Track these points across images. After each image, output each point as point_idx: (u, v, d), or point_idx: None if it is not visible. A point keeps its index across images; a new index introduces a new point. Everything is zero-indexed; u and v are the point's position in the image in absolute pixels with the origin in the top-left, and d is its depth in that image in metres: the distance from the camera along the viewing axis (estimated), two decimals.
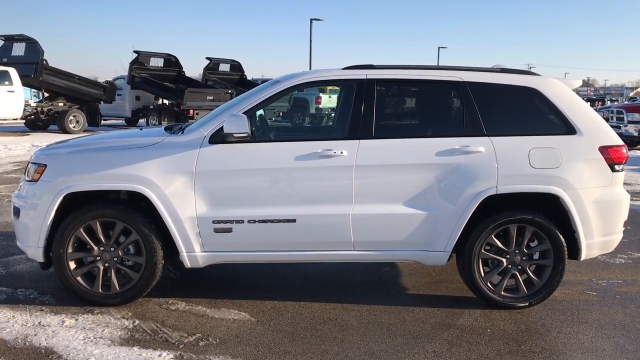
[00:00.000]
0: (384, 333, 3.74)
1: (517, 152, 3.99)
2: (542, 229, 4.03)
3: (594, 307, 4.25)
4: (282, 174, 4.01)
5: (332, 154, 3.96)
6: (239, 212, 3.97)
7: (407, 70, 4.28)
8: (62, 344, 3.48)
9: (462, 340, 3.66)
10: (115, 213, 3.97)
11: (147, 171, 3.90)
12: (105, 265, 4.04)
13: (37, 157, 4.16)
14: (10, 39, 18.51)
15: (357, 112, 4.09)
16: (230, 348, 3.49)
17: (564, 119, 4.10)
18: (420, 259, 4.13)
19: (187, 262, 4.05)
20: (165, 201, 3.90)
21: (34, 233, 3.98)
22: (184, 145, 3.99)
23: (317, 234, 4.03)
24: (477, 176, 3.95)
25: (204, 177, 3.93)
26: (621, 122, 16.48)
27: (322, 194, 4.01)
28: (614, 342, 3.66)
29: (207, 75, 22.77)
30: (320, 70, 4.35)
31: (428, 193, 3.99)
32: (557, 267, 4.07)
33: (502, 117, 4.15)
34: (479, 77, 4.19)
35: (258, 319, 3.95)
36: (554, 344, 3.63)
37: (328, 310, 4.11)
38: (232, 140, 3.95)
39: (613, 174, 4.08)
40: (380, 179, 4.00)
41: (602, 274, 5.05)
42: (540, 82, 4.21)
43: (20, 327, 3.73)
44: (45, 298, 4.25)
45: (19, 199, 4.13)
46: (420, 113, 4.57)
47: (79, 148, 4.20)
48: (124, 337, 3.61)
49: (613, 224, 4.13)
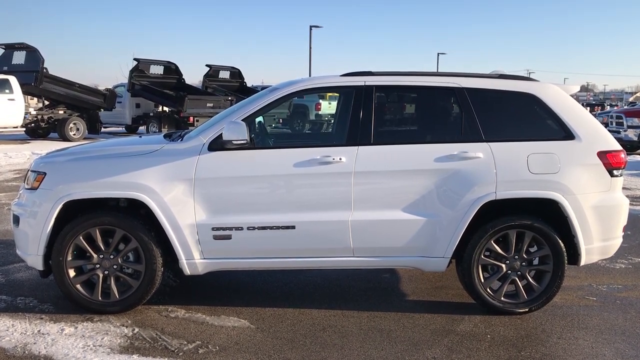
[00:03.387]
0: (384, 339, 3.74)
1: (516, 158, 4.00)
2: (541, 235, 4.03)
3: (594, 313, 4.24)
4: (281, 180, 4.02)
5: (331, 160, 3.97)
6: (238, 219, 3.97)
7: (405, 76, 4.29)
8: (62, 352, 3.48)
9: (462, 346, 3.65)
10: (114, 221, 3.97)
11: (147, 178, 3.90)
12: (104, 273, 4.04)
13: (36, 165, 4.17)
14: (11, 47, 18.55)
15: (355, 119, 4.10)
16: (230, 355, 3.48)
17: (563, 125, 4.10)
18: (420, 265, 4.12)
19: (187, 269, 4.05)
20: (164, 208, 3.91)
21: (34, 241, 3.98)
22: (184, 153, 4.00)
23: (317, 240, 4.03)
24: (476, 182, 3.96)
25: (203, 184, 3.94)
26: (621, 126, 16.51)
27: (321, 201, 4.01)
28: (614, 348, 3.65)
29: (207, 83, 22.80)
30: (319, 77, 4.36)
31: (427, 199, 4.00)
32: (556, 272, 4.07)
33: (500, 122, 4.16)
34: (477, 83, 4.21)
35: (258, 326, 3.95)
36: (554, 349, 3.62)
37: (328, 317, 4.11)
38: (231, 147, 3.96)
39: (612, 179, 4.09)
40: (379, 185, 4.01)
41: (602, 279, 5.04)
42: (539, 87, 4.22)
43: (20, 335, 3.73)
44: (44, 306, 4.25)
45: (19, 207, 4.14)
46: (418, 119, 4.59)
47: (79, 156, 4.21)
48: (123, 344, 3.60)
49: (612, 229, 4.13)
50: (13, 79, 17.00)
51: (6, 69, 17.99)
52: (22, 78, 17.28)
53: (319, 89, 4.37)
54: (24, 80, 17.31)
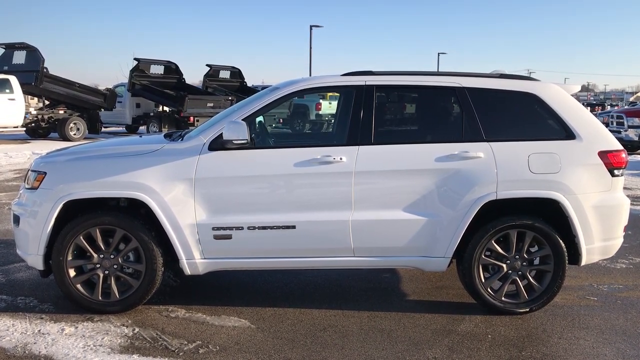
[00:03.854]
0: (385, 339, 3.73)
1: (517, 157, 3.99)
2: (542, 235, 4.03)
3: (595, 313, 4.24)
4: (282, 180, 4.01)
5: (331, 160, 3.97)
6: (238, 219, 3.97)
7: (406, 76, 4.28)
8: (62, 352, 3.47)
9: (462, 346, 3.65)
10: (114, 220, 3.97)
11: (147, 178, 3.90)
12: (105, 273, 4.03)
13: (36, 164, 4.17)
14: (11, 47, 18.55)
15: (356, 119, 4.09)
16: (230, 355, 3.48)
17: (563, 124, 4.10)
18: (420, 264, 4.12)
19: (187, 269, 4.04)
20: (164, 208, 3.90)
21: (34, 241, 3.98)
22: (184, 152, 3.99)
23: (317, 240, 4.02)
24: (477, 181, 3.95)
25: (204, 183, 3.93)
26: (621, 126, 16.50)
27: (322, 201, 4.00)
28: (615, 348, 3.65)
29: (207, 82, 22.80)
30: (320, 77, 4.36)
31: (428, 199, 3.99)
32: (557, 272, 4.06)
33: (501, 122, 4.15)
34: (478, 83, 4.20)
35: (258, 325, 3.94)
36: (555, 349, 3.62)
37: (328, 317, 4.10)
38: (231, 147, 3.95)
39: (613, 179, 4.08)
40: (380, 185, 4.00)
41: (602, 279, 5.03)
42: (539, 87, 4.21)
43: (20, 335, 3.72)
44: (45, 306, 4.24)
45: (19, 206, 4.13)
46: (419, 119, 4.58)
47: (79, 155, 4.20)
48: (123, 344, 3.60)
49: (613, 229, 4.12)
50: (13, 78, 17.01)
51: (6, 69, 18.01)
52: (22, 78, 17.29)
53: (319, 88, 4.36)
54: (24, 80, 17.32)
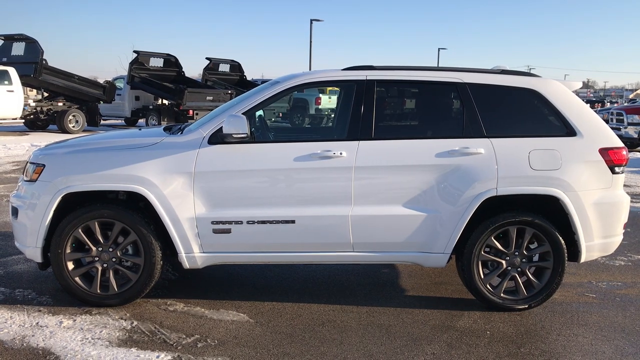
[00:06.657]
0: (383, 335, 3.73)
1: (517, 154, 3.98)
2: (541, 231, 4.02)
3: (594, 310, 4.24)
4: (281, 174, 4.00)
5: (331, 155, 3.95)
6: (238, 213, 3.96)
7: (406, 71, 4.26)
8: (60, 345, 3.47)
9: (461, 342, 3.65)
10: (113, 213, 3.95)
11: (146, 171, 3.89)
12: (103, 266, 4.02)
13: (35, 157, 4.15)
14: (10, 39, 18.48)
15: (356, 113, 4.07)
16: (228, 349, 3.48)
17: (564, 121, 4.09)
18: (420, 260, 4.11)
19: (186, 262, 4.04)
20: (164, 202, 3.89)
21: (32, 233, 3.97)
22: (183, 146, 3.98)
23: (316, 235, 4.01)
24: (477, 178, 3.94)
25: (203, 177, 3.92)
26: (621, 123, 16.50)
27: (321, 195, 3.99)
28: (613, 345, 3.65)
29: (206, 76, 22.74)
30: (320, 71, 4.33)
31: (427, 194, 3.98)
32: (556, 269, 4.06)
33: (502, 118, 4.14)
34: (479, 79, 4.18)
35: (257, 320, 3.94)
36: (553, 346, 3.62)
37: (327, 312, 4.10)
38: (231, 140, 3.94)
39: (613, 176, 4.07)
40: (380, 180, 3.99)
41: (602, 276, 5.03)
42: (540, 83, 4.20)
43: (18, 327, 3.72)
44: (43, 299, 4.24)
45: (17, 199, 4.12)
46: (420, 114, 4.57)
47: (78, 148, 4.18)
48: (121, 338, 3.59)
49: (613, 226, 4.12)
50: (12, 70, 16.94)
51: (5, 60, 17.94)
52: (21, 69, 17.22)
53: (319, 82, 4.33)
54: (23, 71, 17.26)
